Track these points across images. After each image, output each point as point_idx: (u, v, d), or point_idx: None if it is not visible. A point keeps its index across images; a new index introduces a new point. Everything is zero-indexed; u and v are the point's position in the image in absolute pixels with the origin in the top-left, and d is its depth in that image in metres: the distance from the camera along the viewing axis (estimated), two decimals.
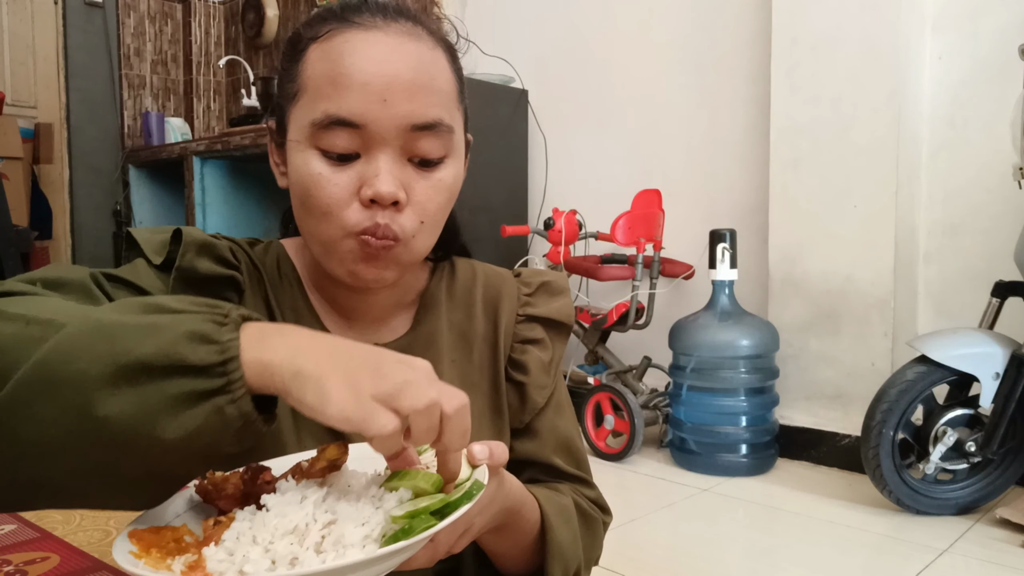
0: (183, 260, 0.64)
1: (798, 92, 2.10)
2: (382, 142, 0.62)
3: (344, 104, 0.61)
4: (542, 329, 0.80)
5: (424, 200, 0.64)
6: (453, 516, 0.48)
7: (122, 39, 4.31)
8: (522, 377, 0.78)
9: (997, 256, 1.92)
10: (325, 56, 0.63)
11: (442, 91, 0.65)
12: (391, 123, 0.61)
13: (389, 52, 0.62)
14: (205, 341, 0.45)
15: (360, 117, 0.61)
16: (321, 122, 0.61)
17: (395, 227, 0.62)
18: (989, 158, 1.96)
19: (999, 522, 1.63)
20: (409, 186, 0.63)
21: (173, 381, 0.44)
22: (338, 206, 0.62)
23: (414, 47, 0.63)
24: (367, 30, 0.63)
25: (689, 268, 2.34)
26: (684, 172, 2.53)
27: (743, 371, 2.00)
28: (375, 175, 0.61)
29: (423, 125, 0.62)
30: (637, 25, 2.63)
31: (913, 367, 1.68)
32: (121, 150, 4.32)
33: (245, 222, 3.99)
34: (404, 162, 0.63)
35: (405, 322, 0.75)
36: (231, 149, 3.57)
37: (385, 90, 0.61)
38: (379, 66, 0.61)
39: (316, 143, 0.62)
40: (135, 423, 0.43)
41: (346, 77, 0.61)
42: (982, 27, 1.97)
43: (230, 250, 0.68)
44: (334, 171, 0.62)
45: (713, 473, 2.01)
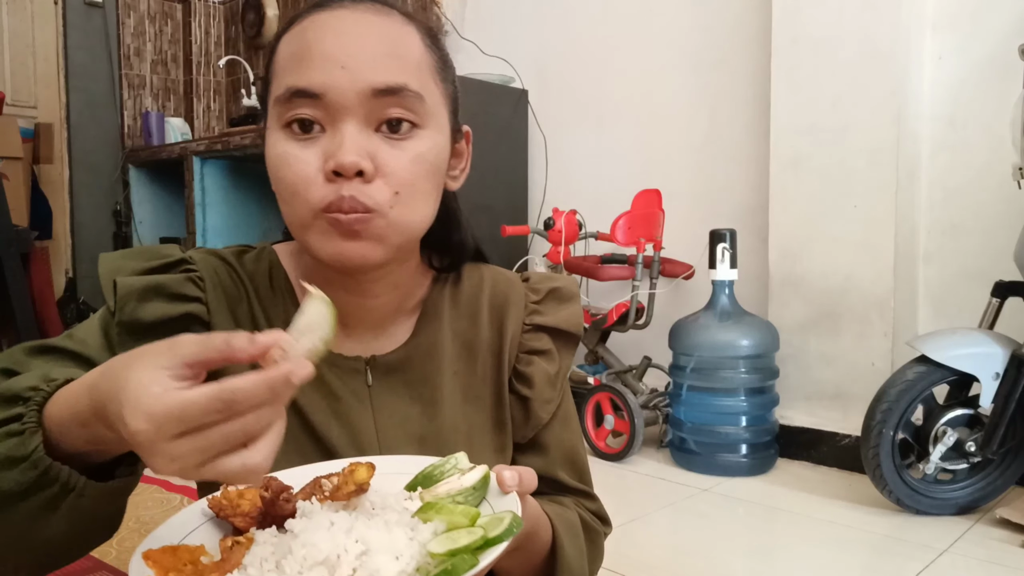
0: (122, 314, 0.62)
1: (798, 92, 2.10)
2: (344, 111, 0.60)
3: (304, 75, 0.60)
4: (549, 339, 0.77)
5: (397, 169, 0.61)
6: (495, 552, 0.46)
7: (122, 39, 4.31)
8: (527, 391, 0.75)
9: (997, 256, 1.92)
10: (291, 39, 0.63)
11: (409, 59, 0.63)
12: (351, 88, 0.59)
13: (351, 25, 0.61)
14: (14, 463, 0.46)
15: (320, 86, 0.59)
16: (283, 96, 0.61)
17: (363, 198, 0.59)
18: (989, 158, 1.96)
19: (999, 522, 1.63)
20: (377, 156, 0.60)
21: (17, 508, 0.46)
22: (304, 184, 0.60)
23: (379, 20, 0.62)
24: (332, 10, 0.62)
25: (689, 268, 2.34)
26: (684, 172, 2.53)
27: (743, 371, 2.00)
28: (338, 146, 0.59)
29: (385, 89, 0.60)
30: (637, 25, 2.63)
31: (913, 367, 1.68)
32: (121, 150, 4.32)
33: (245, 222, 3.99)
34: (371, 132, 0.61)
35: (405, 330, 0.73)
36: (231, 149, 3.56)
37: (345, 58, 0.60)
38: (339, 37, 0.60)
39: (282, 121, 0.61)
40: (21, 543, 0.46)
41: (307, 50, 0.60)
42: (982, 27, 1.97)
43: (190, 280, 0.66)
44: (300, 148, 0.61)
45: (713, 473, 2.01)
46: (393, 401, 0.71)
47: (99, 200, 4.26)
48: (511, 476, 0.54)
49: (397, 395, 0.71)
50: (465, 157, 0.73)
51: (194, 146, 3.82)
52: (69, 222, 4.16)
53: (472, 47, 3.09)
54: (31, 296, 2.87)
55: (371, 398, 0.70)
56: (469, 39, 3.12)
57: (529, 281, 0.79)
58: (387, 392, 0.70)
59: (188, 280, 0.66)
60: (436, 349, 0.73)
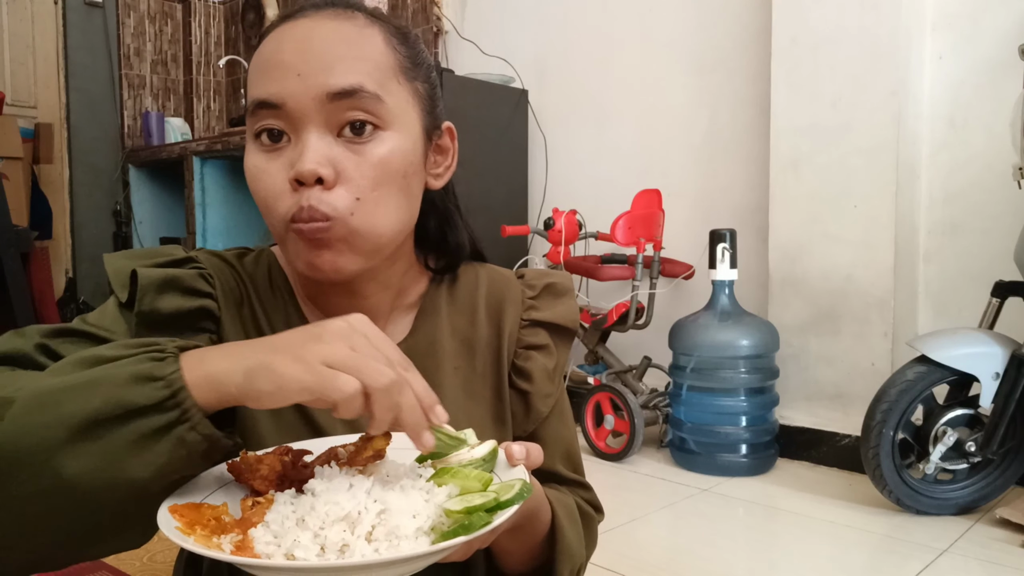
0: (141, 304, 0.62)
1: (798, 92, 2.10)
2: (304, 119, 0.60)
3: (264, 86, 0.61)
4: (547, 334, 0.78)
5: (356, 175, 0.61)
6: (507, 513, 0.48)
7: (122, 39, 4.31)
8: (526, 385, 0.76)
9: (997, 256, 1.92)
10: (258, 54, 0.64)
11: (366, 59, 0.62)
12: (306, 95, 0.60)
13: (307, 31, 0.62)
14: (149, 380, 0.47)
15: (278, 95, 0.60)
16: (250, 108, 0.62)
17: (323, 207, 0.59)
18: (989, 158, 1.96)
19: (999, 522, 1.63)
20: (339, 162, 0.60)
21: (129, 426, 0.46)
22: (274, 197, 0.61)
23: (336, 24, 0.63)
24: (294, 20, 0.63)
25: (689, 268, 2.34)
26: (684, 172, 2.53)
27: (743, 371, 2.00)
28: (299, 155, 0.60)
29: (339, 91, 0.60)
30: (637, 25, 2.63)
31: (913, 367, 1.68)
32: (121, 150, 4.32)
33: (245, 222, 3.99)
34: (332, 138, 0.61)
35: (403, 327, 0.73)
36: (231, 149, 3.56)
37: (300, 64, 0.60)
38: (295, 44, 0.61)
39: (252, 133, 0.63)
40: (104, 475, 0.45)
41: (266, 62, 0.62)
42: (982, 27, 1.97)
43: (201, 276, 0.66)
44: (268, 160, 0.62)
45: (713, 473, 2.01)
46: None
47: (99, 200, 4.26)
48: (519, 449, 0.55)
49: None
50: (450, 154, 0.72)
51: (194, 146, 3.82)
52: (69, 222, 4.16)
53: (472, 47, 3.09)
54: (31, 296, 2.87)
55: None
56: (469, 39, 3.12)
57: (524, 278, 0.80)
58: None
59: (200, 276, 0.66)
60: (436, 345, 0.73)
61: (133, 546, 0.52)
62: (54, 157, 3.95)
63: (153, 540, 1.38)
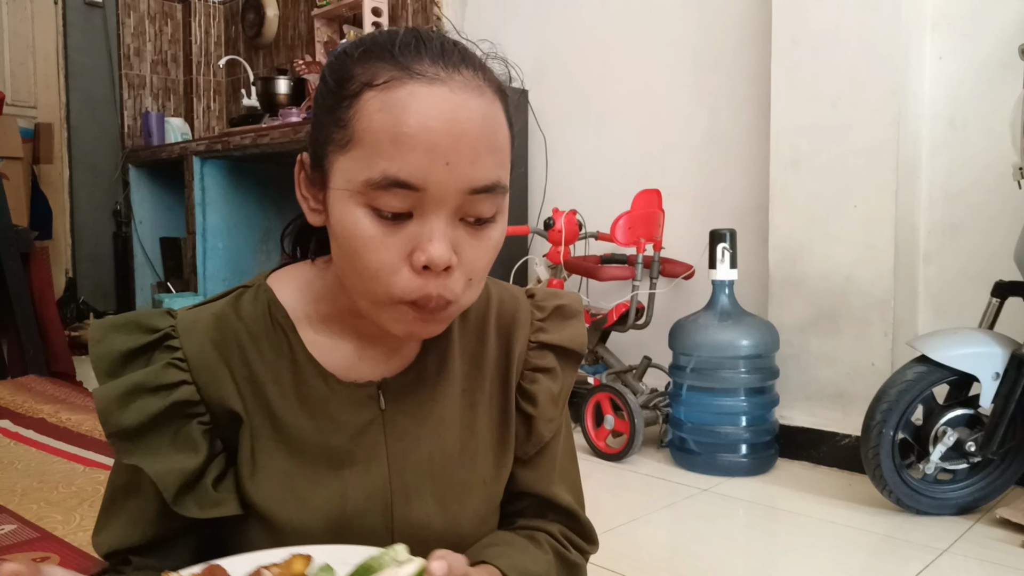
0: (108, 427, 0.64)
1: (798, 92, 2.10)
2: (439, 205, 0.58)
3: (405, 166, 0.57)
4: (554, 357, 0.77)
5: (473, 259, 0.61)
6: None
7: (122, 39, 4.31)
8: (531, 409, 0.76)
9: (997, 256, 1.92)
10: (386, 109, 0.58)
11: (502, 150, 0.62)
12: (452, 187, 0.58)
13: (454, 111, 0.58)
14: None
15: (421, 181, 0.57)
16: (379, 183, 0.57)
17: (447, 293, 0.60)
18: (989, 158, 1.96)
19: (999, 522, 1.63)
20: (459, 246, 0.60)
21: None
22: (388, 271, 0.59)
23: (478, 104, 0.60)
24: (431, 83, 0.58)
25: (689, 268, 2.34)
26: (684, 172, 2.53)
27: (743, 371, 2.00)
28: (428, 240, 0.58)
29: (482, 188, 0.60)
30: (637, 25, 2.63)
31: (913, 367, 1.68)
32: (121, 150, 4.32)
33: (245, 222, 3.99)
34: (456, 222, 0.60)
35: (414, 347, 0.73)
36: (231, 149, 3.57)
37: (449, 153, 0.57)
38: (444, 126, 0.57)
39: (368, 201, 0.58)
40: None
41: (409, 137, 0.57)
42: (982, 27, 1.97)
43: (171, 364, 0.65)
44: (385, 233, 0.59)
45: (713, 473, 2.01)
46: (405, 423, 0.71)
47: (99, 200, 4.27)
48: (439, 566, 0.54)
49: (409, 416, 0.71)
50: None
51: (194, 146, 3.82)
52: (69, 222, 4.16)
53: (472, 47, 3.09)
54: (31, 296, 2.87)
55: (384, 423, 0.70)
56: (469, 39, 3.12)
57: (535, 298, 0.80)
58: (399, 415, 0.71)
59: (168, 366, 0.65)
60: (445, 367, 0.73)
61: None
62: (54, 157, 3.95)
63: None
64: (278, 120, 3.44)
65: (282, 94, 3.64)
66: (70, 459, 1.88)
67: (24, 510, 1.54)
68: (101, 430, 2.14)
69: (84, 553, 1.33)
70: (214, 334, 0.67)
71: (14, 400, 2.46)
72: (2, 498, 1.61)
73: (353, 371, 0.70)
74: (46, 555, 1.33)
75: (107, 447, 1.96)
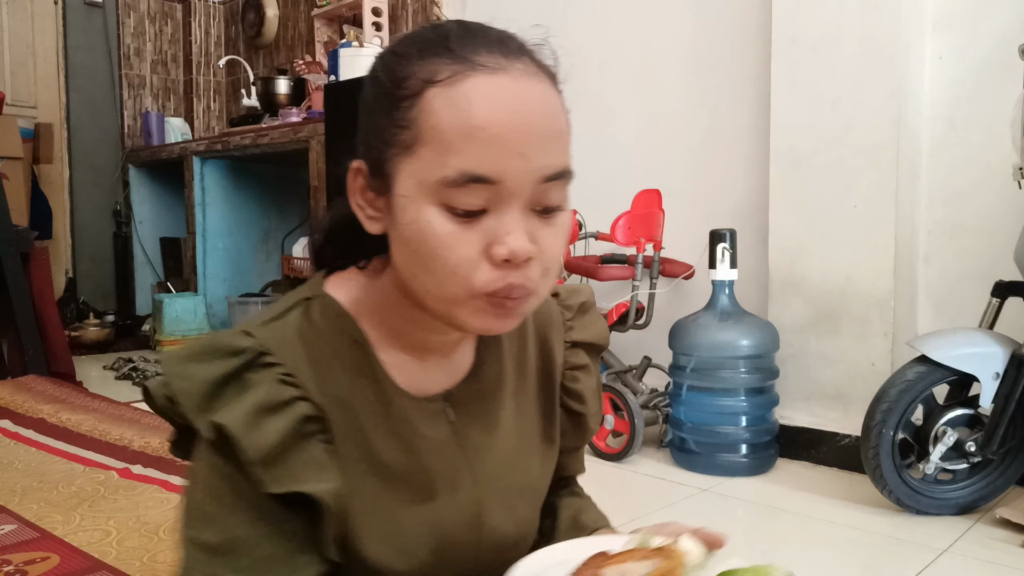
0: (247, 454, 0.58)
1: (798, 92, 2.10)
2: (514, 197, 0.58)
3: (481, 160, 0.56)
4: (585, 354, 0.80)
5: (548, 248, 0.60)
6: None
7: (122, 39, 4.31)
8: (579, 407, 0.79)
9: (997, 256, 1.92)
10: (452, 105, 0.56)
11: (566, 135, 0.61)
12: (527, 177, 0.57)
13: (520, 100, 0.57)
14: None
15: (498, 173, 0.56)
16: (455, 180, 0.56)
17: (528, 283, 0.59)
18: (989, 158, 1.96)
19: (999, 522, 1.63)
20: (534, 236, 0.59)
21: None
22: (467, 267, 0.58)
23: (540, 91, 0.60)
24: (493, 73, 0.58)
25: (689, 268, 2.34)
26: (684, 172, 2.53)
27: (743, 371, 2.00)
28: (507, 232, 0.57)
29: (554, 175, 0.59)
30: (637, 25, 2.63)
31: (913, 367, 1.68)
32: (121, 150, 4.32)
33: (245, 222, 4.00)
34: (530, 213, 0.59)
35: (468, 353, 0.72)
36: (231, 149, 3.57)
37: (521, 143, 0.57)
38: (513, 116, 0.57)
39: (443, 200, 0.57)
40: None
41: (481, 130, 0.56)
42: (982, 27, 1.97)
43: (282, 381, 0.61)
44: (462, 230, 0.57)
45: (713, 473, 2.01)
46: (475, 434, 0.71)
47: (99, 200, 4.27)
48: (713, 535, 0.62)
49: (478, 426, 0.71)
50: None
51: (194, 146, 3.82)
52: (69, 222, 4.16)
53: None
54: (31, 296, 2.87)
55: (455, 435, 0.70)
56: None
57: (559, 297, 0.82)
58: (468, 426, 0.71)
59: (279, 383, 0.61)
60: (501, 375, 0.74)
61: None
62: (54, 157, 3.95)
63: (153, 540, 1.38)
64: (278, 120, 3.44)
65: (282, 94, 3.64)
66: (70, 459, 1.88)
67: (24, 510, 1.54)
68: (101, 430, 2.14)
69: (84, 553, 1.33)
70: (304, 351, 0.64)
71: (14, 400, 2.46)
72: (2, 498, 1.61)
73: (421, 385, 0.69)
74: (46, 555, 1.33)
75: (107, 447, 1.96)
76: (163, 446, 1.93)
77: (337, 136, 2.89)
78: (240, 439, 0.57)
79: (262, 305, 3.58)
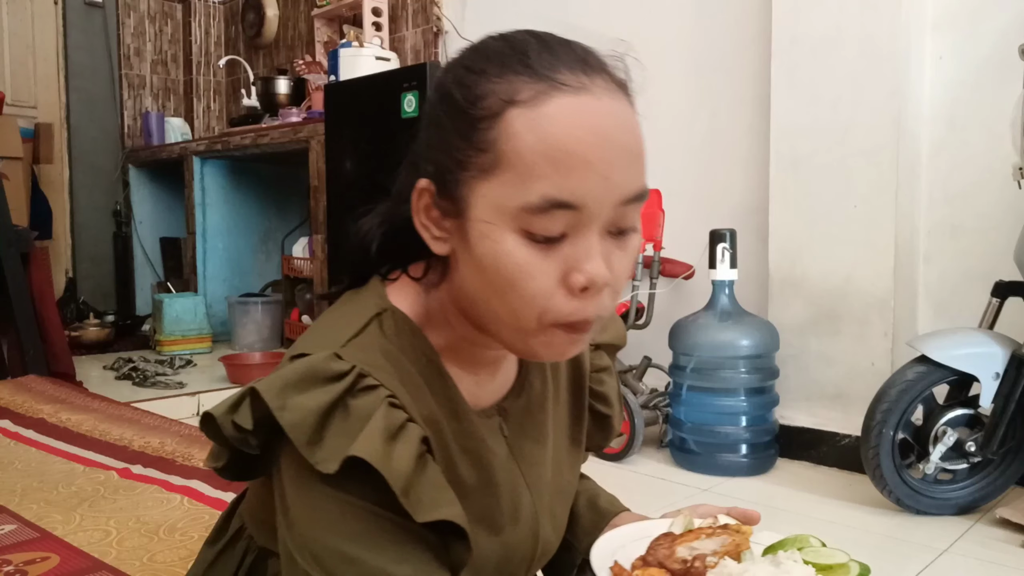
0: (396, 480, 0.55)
1: (798, 92, 2.10)
2: (594, 222, 0.55)
3: (566, 186, 0.53)
4: (606, 355, 0.81)
5: (620, 271, 0.58)
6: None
7: (122, 39, 4.31)
8: (606, 409, 0.79)
9: (997, 256, 1.92)
10: (537, 128, 0.54)
11: (643, 153, 0.59)
12: (609, 201, 0.55)
13: (603, 122, 0.55)
14: None
15: (581, 198, 0.54)
16: (537, 206, 0.54)
17: (603, 312, 0.58)
18: (989, 158, 1.96)
19: (999, 522, 1.63)
20: (608, 260, 0.57)
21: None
22: (544, 297, 0.56)
23: (621, 110, 0.57)
24: (577, 93, 0.55)
25: (689, 268, 2.34)
26: (684, 172, 2.53)
27: (743, 371, 2.00)
28: (586, 258, 0.55)
29: (633, 197, 0.57)
30: (637, 25, 2.63)
31: (913, 367, 1.68)
32: (121, 150, 4.32)
33: (245, 222, 4.00)
34: (605, 235, 0.57)
35: (512, 365, 0.71)
36: (231, 149, 3.57)
37: (605, 167, 0.54)
38: (598, 139, 0.54)
39: (522, 225, 0.55)
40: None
41: (567, 156, 0.53)
42: (982, 27, 1.97)
43: (390, 404, 0.58)
44: (541, 258, 0.55)
45: (713, 473, 2.01)
46: (528, 447, 0.71)
47: (99, 200, 4.27)
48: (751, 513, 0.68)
49: (530, 439, 0.71)
50: None
51: (194, 146, 3.82)
52: (69, 222, 4.16)
53: None
54: (31, 296, 2.87)
55: (510, 447, 0.69)
56: (469, 39, 3.11)
57: None
58: (521, 439, 0.71)
59: (390, 407, 0.58)
60: (544, 385, 0.74)
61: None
62: (54, 157, 3.95)
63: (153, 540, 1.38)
64: (278, 120, 3.44)
65: (282, 94, 3.64)
66: (70, 459, 1.87)
67: (24, 510, 1.54)
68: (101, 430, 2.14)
69: (84, 553, 1.33)
70: (394, 371, 0.61)
71: (14, 400, 2.46)
72: (2, 498, 1.61)
73: (478, 400, 0.68)
74: (46, 555, 1.33)
75: (107, 447, 1.96)
76: (163, 446, 1.93)
77: (337, 136, 2.89)
78: (384, 471, 0.54)
79: (262, 305, 3.58)
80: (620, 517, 0.81)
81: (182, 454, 1.86)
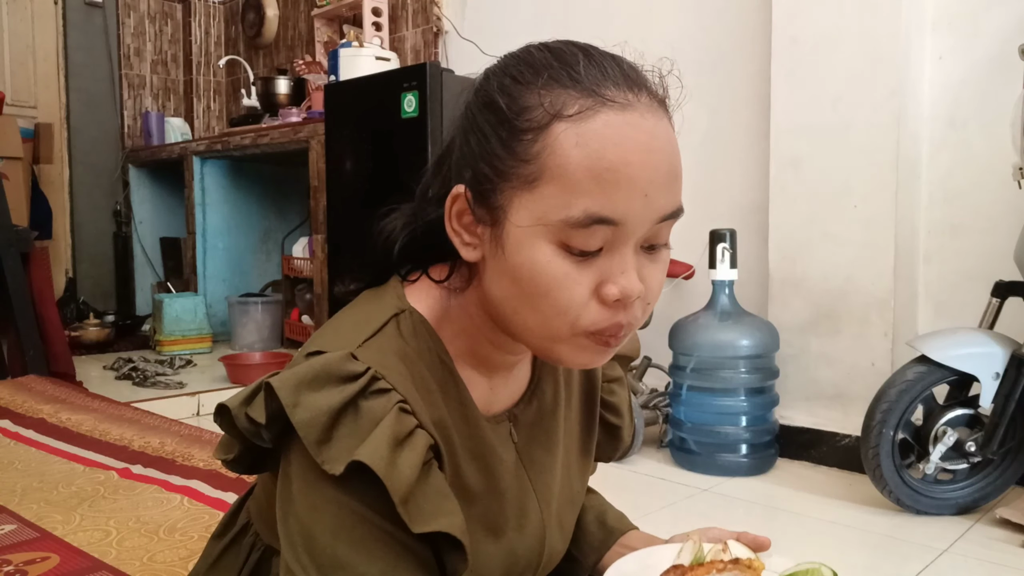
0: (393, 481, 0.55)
1: (798, 92, 2.10)
2: (631, 237, 0.56)
3: (608, 203, 0.54)
4: (618, 365, 0.81)
5: (652, 284, 0.59)
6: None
7: (122, 39, 4.31)
8: (617, 420, 0.80)
9: (997, 256, 1.92)
10: (584, 143, 0.54)
11: (681, 171, 0.60)
12: (648, 218, 0.56)
13: (648, 140, 0.56)
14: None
15: (623, 216, 0.55)
16: (579, 221, 0.54)
17: (634, 321, 0.59)
18: (989, 158, 1.96)
19: (999, 522, 1.63)
20: (641, 274, 0.58)
21: None
22: (577, 307, 0.57)
23: (663, 128, 0.58)
24: (623, 110, 0.55)
25: (689, 268, 2.34)
26: (684, 172, 2.52)
27: (743, 371, 2.00)
28: (620, 272, 0.56)
29: (670, 215, 0.58)
30: (637, 25, 2.63)
31: (913, 367, 1.68)
32: (121, 150, 4.32)
33: (245, 222, 4.00)
34: (639, 250, 0.58)
35: (525, 370, 0.72)
36: (231, 149, 3.57)
37: (647, 185, 0.55)
38: (642, 157, 0.55)
39: (562, 239, 0.55)
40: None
41: (612, 173, 0.54)
42: (982, 27, 1.97)
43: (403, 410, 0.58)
44: (576, 269, 0.56)
45: (713, 473, 2.01)
46: (538, 454, 0.71)
47: (99, 200, 4.27)
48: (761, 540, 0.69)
49: (540, 446, 0.72)
50: None
51: (194, 146, 3.82)
52: (69, 222, 4.16)
53: (472, 47, 3.09)
54: (31, 296, 2.87)
55: (519, 454, 0.70)
56: (469, 39, 3.12)
57: None
58: (531, 446, 0.71)
59: (401, 412, 0.58)
60: (556, 392, 0.74)
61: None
62: (54, 157, 3.95)
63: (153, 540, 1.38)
64: (278, 120, 3.44)
65: (282, 94, 3.64)
66: (70, 459, 1.87)
67: (24, 510, 1.54)
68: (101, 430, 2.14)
69: (84, 553, 1.33)
70: (408, 374, 0.61)
71: (14, 400, 2.46)
72: (2, 498, 1.61)
73: (490, 405, 0.68)
74: (46, 555, 1.33)
75: (107, 447, 1.96)
76: (163, 446, 1.93)
77: (337, 136, 2.89)
78: (386, 479, 0.55)
79: (262, 305, 3.58)
80: (629, 536, 0.81)
81: (182, 454, 1.86)
